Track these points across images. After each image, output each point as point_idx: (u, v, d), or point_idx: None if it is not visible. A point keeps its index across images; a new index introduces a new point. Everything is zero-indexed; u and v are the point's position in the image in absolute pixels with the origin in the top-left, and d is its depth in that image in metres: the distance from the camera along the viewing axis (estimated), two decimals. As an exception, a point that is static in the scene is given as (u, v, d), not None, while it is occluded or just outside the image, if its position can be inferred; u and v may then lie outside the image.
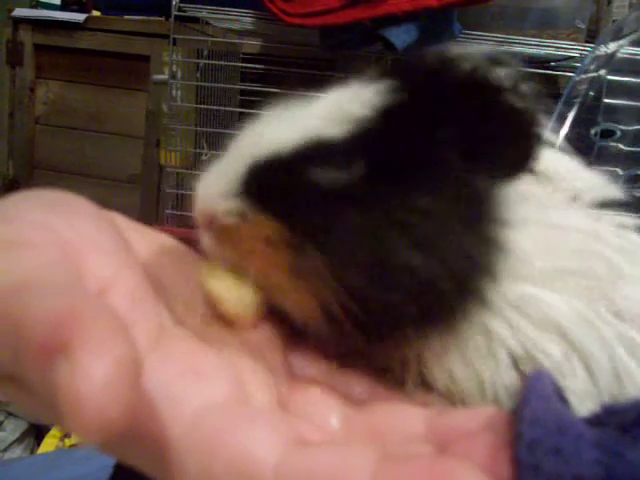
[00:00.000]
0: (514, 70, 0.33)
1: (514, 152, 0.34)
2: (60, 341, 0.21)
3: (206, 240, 0.36)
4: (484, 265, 0.33)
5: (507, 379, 0.33)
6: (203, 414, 0.26)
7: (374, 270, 0.32)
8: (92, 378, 0.20)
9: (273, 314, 0.37)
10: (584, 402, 0.33)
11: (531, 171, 0.35)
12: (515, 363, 0.34)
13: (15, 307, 0.23)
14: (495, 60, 0.33)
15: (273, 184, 0.34)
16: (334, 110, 0.35)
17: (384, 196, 0.32)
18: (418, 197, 0.32)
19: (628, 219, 0.38)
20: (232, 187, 0.34)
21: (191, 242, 0.39)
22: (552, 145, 0.39)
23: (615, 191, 0.39)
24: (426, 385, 0.35)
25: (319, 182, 0.33)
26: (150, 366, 0.26)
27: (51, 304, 0.22)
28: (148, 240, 0.37)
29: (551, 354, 0.33)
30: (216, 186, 0.35)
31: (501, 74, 0.33)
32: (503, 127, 0.33)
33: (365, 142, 0.34)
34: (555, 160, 0.39)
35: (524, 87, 0.33)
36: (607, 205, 0.39)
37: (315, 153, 0.34)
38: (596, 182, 0.39)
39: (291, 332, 0.37)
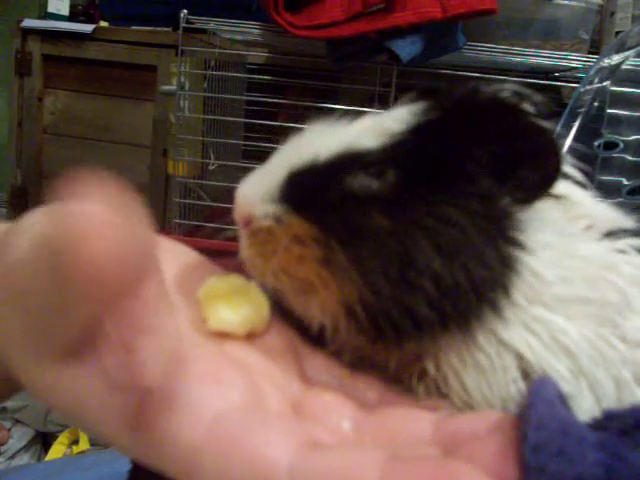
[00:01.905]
0: (538, 101, 0.35)
1: (538, 175, 0.35)
2: None
3: (242, 240, 0.38)
4: (500, 279, 0.34)
5: (515, 391, 0.34)
6: (221, 418, 0.28)
7: (398, 271, 0.33)
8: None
9: (286, 321, 0.38)
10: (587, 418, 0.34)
11: (552, 195, 0.37)
12: (525, 376, 0.34)
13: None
14: (520, 93, 0.35)
15: (309, 189, 0.36)
16: (371, 125, 0.38)
17: (413, 203, 0.34)
18: (444, 207, 0.34)
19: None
20: (271, 192, 0.36)
21: (198, 251, 0.41)
22: (568, 174, 0.41)
23: (628, 222, 0.40)
24: (438, 393, 0.36)
25: (352, 187, 0.35)
26: None
27: None
28: (164, 248, 0.38)
29: (561, 373, 0.34)
30: (256, 190, 0.37)
31: (528, 102, 0.35)
32: (529, 150, 0.35)
33: (398, 154, 0.36)
34: (573, 189, 0.40)
35: (546, 113, 0.35)
36: (620, 234, 0.40)
37: (350, 162, 0.36)
38: (609, 212, 0.41)
39: (304, 339, 0.38)
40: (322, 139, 0.38)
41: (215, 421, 0.27)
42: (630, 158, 0.96)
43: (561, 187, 0.39)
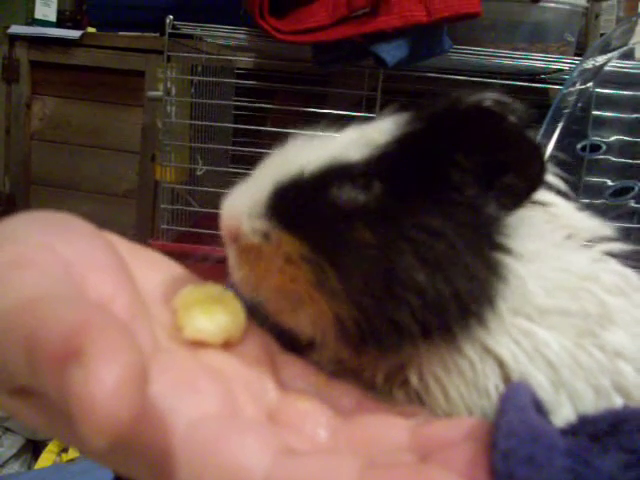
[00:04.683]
0: (520, 109, 0.35)
1: (523, 181, 0.36)
2: (74, 349, 0.22)
3: (230, 256, 0.38)
4: (485, 290, 0.34)
5: (496, 397, 0.34)
6: (196, 425, 0.28)
7: (384, 285, 0.33)
8: (104, 383, 0.21)
9: (263, 329, 0.38)
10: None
11: (536, 202, 0.37)
12: (506, 382, 0.35)
13: (29, 319, 0.24)
14: (502, 102, 0.35)
15: (295, 205, 0.36)
16: (356, 137, 0.38)
17: (398, 215, 0.34)
18: (430, 218, 0.34)
19: (619, 246, 0.40)
20: (258, 207, 0.36)
21: (185, 257, 0.41)
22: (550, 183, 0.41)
23: (607, 230, 0.40)
24: (418, 401, 0.36)
25: (338, 202, 0.35)
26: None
27: (64, 315, 0.24)
28: (142, 259, 0.38)
29: (541, 383, 0.34)
30: (242, 204, 0.37)
31: (510, 111, 0.35)
32: (514, 157, 0.35)
33: (383, 165, 0.36)
34: (554, 198, 0.41)
35: (529, 121, 0.35)
36: (599, 242, 0.40)
37: (336, 174, 0.36)
38: (590, 222, 0.41)
39: (280, 346, 0.38)
40: (307, 151, 0.38)
41: (190, 429, 0.27)
42: (614, 159, 0.96)
43: (543, 196, 0.39)
